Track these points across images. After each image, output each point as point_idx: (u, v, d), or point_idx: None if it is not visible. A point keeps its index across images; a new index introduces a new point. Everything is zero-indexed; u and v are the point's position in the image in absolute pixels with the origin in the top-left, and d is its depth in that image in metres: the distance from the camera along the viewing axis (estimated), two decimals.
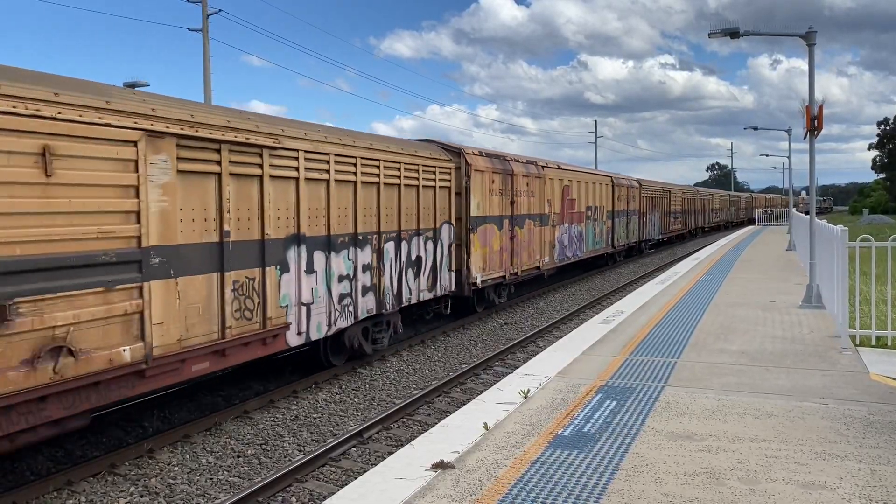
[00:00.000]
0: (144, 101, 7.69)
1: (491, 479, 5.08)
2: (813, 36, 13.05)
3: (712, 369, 8.22)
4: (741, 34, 13.86)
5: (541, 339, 14.67)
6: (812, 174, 14.01)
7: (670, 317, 11.95)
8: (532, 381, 7.79)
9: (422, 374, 11.98)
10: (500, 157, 18.10)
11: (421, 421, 9.47)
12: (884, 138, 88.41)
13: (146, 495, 7.12)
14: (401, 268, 12.94)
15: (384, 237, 12.26)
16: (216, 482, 7.50)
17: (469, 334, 15.29)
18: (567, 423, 6.31)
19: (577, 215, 23.89)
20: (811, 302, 12.69)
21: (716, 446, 5.68)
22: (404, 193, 12.92)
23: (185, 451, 8.29)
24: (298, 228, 9.91)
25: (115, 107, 7.17)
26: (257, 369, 11.49)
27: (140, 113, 7.43)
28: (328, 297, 10.63)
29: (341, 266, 11.01)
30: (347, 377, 11.51)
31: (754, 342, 9.69)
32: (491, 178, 16.90)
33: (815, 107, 12.86)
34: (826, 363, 8.43)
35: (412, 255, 13.37)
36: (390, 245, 12.51)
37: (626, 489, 4.86)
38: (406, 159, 13.04)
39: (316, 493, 7.18)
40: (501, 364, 12.59)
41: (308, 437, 8.89)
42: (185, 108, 8.19)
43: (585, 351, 9.34)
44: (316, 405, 10.08)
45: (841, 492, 4.76)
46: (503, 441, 5.89)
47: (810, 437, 5.86)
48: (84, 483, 7.32)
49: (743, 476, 5.06)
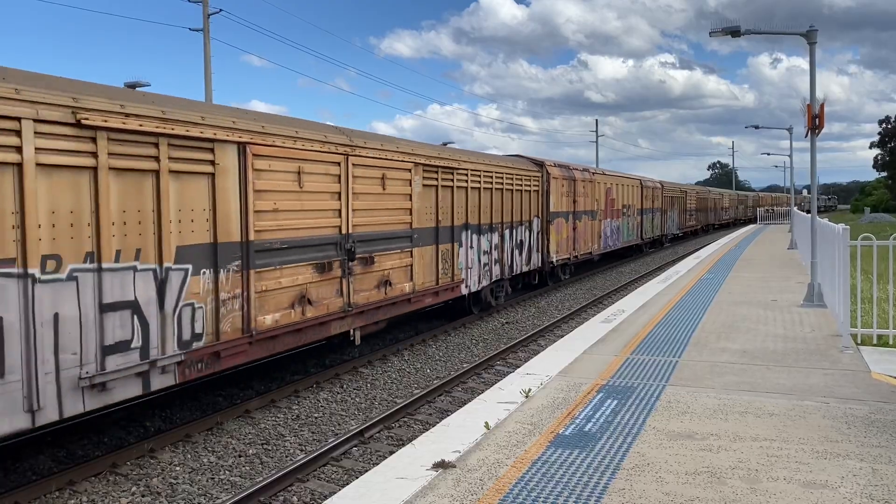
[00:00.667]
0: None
1: (492, 479, 5.08)
2: (814, 34, 13.04)
3: (713, 368, 8.22)
4: (742, 33, 13.85)
5: (542, 339, 14.66)
6: (813, 172, 14.00)
7: (671, 316, 11.95)
8: (533, 380, 7.79)
9: (423, 374, 11.98)
10: (566, 166, 23.43)
11: (422, 420, 9.47)
12: (885, 137, 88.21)
13: (148, 495, 7.13)
14: (512, 248, 18.48)
15: (504, 226, 17.88)
16: (218, 482, 7.51)
17: (470, 333, 15.29)
18: (568, 423, 6.31)
19: (616, 212, 28.88)
20: (812, 301, 12.68)
21: (717, 445, 5.67)
22: (515, 196, 18.56)
23: (187, 450, 8.29)
24: (467, 219, 15.58)
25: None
26: (258, 368, 11.50)
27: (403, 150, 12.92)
28: (479, 264, 16.25)
29: (484, 244, 16.59)
30: (349, 376, 11.51)
31: (756, 341, 9.68)
32: (561, 184, 22.24)
33: (816, 105, 12.85)
34: (827, 362, 8.42)
35: (517, 239, 18.93)
36: (507, 232, 18.12)
37: (628, 488, 4.86)
38: (513, 171, 18.51)
39: (317, 492, 7.18)
40: (503, 363, 12.59)
41: (309, 436, 8.89)
42: (433, 151, 14.22)
43: (586, 350, 9.33)
44: (317, 404, 10.08)
45: (843, 491, 4.76)
46: (504, 440, 5.89)
47: (812, 436, 5.86)
48: (86, 483, 7.33)
49: (744, 475, 5.05)
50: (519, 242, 18.93)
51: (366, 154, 11.43)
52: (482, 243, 16.35)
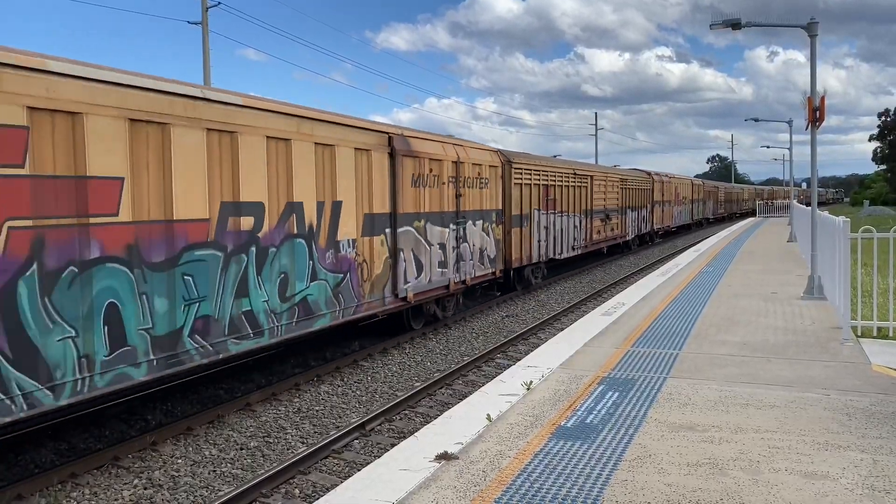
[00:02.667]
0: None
1: (495, 470, 5.09)
2: (815, 27, 13.01)
3: (714, 360, 8.23)
4: (742, 25, 13.84)
5: (542, 332, 14.67)
6: (813, 165, 13.99)
7: (672, 308, 11.96)
8: (534, 372, 7.80)
9: (424, 367, 11.99)
10: (660, 174, 38.59)
11: (424, 413, 9.49)
12: (885, 129, 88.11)
13: (150, 488, 7.14)
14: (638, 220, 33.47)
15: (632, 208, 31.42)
16: (219, 474, 7.52)
17: (471, 327, 15.30)
18: (570, 415, 6.32)
19: (679, 201, 44.61)
20: (813, 293, 12.70)
21: (718, 437, 5.69)
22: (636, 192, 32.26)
23: (189, 443, 8.31)
24: (623, 203, 30.09)
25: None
26: (259, 362, 11.51)
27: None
28: (633, 223, 31.63)
29: (631, 215, 31.37)
30: (349, 369, 11.53)
31: (756, 333, 9.69)
32: (662, 183, 38.61)
33: (816, 98, 12.83)
34: (828, 354, 8.44)
35: (641, 215, 33.96)
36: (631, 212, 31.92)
37: (630, 479, 4.88)
38: (627, 176, 31.58)
39: (319, 484, 7.20)
40: (503, 356, 12.60)
41: (311, 429, 8.91)
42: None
43: (587, 343, 9.34)
44: (318, 397, 10.10)
45: (843, 482, 4.77)
46: (506, 432, 5.90)
47: (812, 427, 5.87)
48: (88, 475, 7.34)
49: (745, 466, 5.07)
50: (642, 217, 34.17)
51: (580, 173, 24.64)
52: (630, 215, 31.47)
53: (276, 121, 9.45)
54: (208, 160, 8.32)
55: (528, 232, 19.38)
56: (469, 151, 16.01)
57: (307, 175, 10.04)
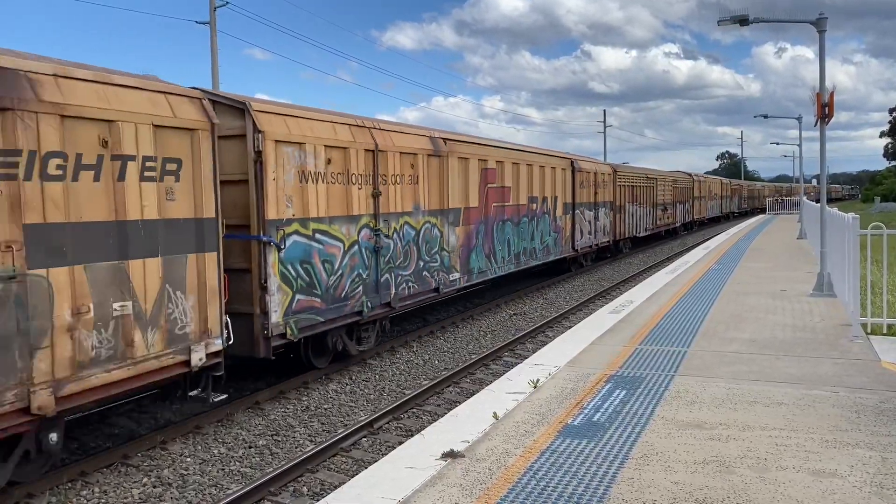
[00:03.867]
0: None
1: (501, 468, 5.10)
2: (824, 22, 12.92)
3: (722, 358, 8.21)
4: (750, 21, 13.74)
5: (550, 330, 14.66)
6: (823, 161, 13.90)
7: (680, 306, 11.92)
8: (541, 370, 7.80)
9: (431, 365, 12.01)
10: (700, 174, 50.49)
11: (431, 411, 9.50)
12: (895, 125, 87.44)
13: (159, 486, 7.19)
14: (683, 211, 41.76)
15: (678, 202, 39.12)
16: (228, 473, 7.56)
17: (478, 325, 15.31)
18: (577, 413, 6.32)
19: (712, 196, 54.16)
20: (822, 290, 12.63)
21: (726, 435, 5.67)
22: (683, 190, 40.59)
23: (198, 442, 8.35)
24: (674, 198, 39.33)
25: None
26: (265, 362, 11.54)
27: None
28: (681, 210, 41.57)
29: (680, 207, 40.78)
30: (358, 368, 11.55)
31: (765, 331, 9.66)
32: (700, 184, 47.47)
33: (825, 94, 12.75)
34: (837, 351, 8.40)
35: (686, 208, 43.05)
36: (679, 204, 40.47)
37: (637, 477, 4.87)
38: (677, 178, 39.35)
39: (327, 482, 7.23)
40: (511, 354, 12.60)
41: (319, 427, 8.94)
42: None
43: (595, 341, 9.33)
44: (327, 396, 10.13)
45: (852, 480, 4.75)
46: (513, 430, 5.90)
47: (821, 425, 5.85)
48: (97, 474, 7.40)
49: (753, 464, 5.05)
50: (686, 209, 41.48)
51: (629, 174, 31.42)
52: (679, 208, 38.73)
53: (533, 157, 19.39)
54: (529, 177, 18.72)
55: (622, 217, 29.00)
56: (599, 166, 26.79)
57: (545, 183, 20.16)
